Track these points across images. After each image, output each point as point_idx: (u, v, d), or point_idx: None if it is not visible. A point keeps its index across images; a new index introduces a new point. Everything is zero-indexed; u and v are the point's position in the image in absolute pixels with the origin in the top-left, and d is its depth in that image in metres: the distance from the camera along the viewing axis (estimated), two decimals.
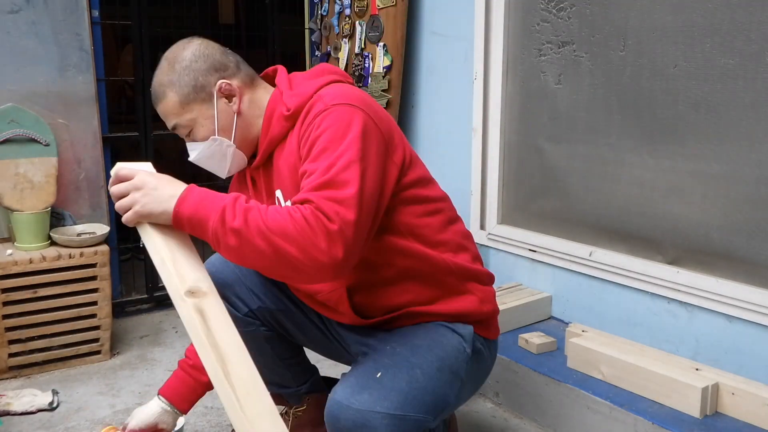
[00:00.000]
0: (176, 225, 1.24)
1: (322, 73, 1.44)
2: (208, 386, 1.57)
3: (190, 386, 1.58)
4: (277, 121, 1.38)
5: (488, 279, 1.54)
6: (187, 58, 1.39)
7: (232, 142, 1.43)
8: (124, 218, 1.26)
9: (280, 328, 1.65)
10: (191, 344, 1.55)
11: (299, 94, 1.37)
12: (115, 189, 1.27)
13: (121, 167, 1.30)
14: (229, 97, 1.41)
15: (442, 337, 1.41)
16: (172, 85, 1.38)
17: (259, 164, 1.46)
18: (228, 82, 1.40)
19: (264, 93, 1.46)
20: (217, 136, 1.41)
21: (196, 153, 1.43)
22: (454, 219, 1.50)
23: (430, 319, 1.44)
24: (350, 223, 1.16)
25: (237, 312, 1.59)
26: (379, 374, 1.29)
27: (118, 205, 1.27)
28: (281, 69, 1.49)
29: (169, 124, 1.44)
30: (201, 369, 1.53)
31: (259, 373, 1.78)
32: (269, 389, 1.82)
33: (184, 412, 1.60)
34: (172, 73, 1.38)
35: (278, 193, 1.42)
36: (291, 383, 1.78)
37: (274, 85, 1.48)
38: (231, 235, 1.17)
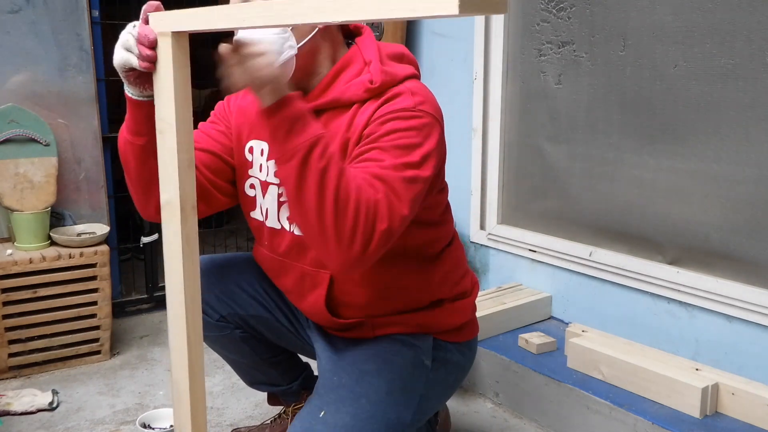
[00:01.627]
0: (273, 108, 1.09)
1: (404, 59, 1.37)
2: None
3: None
4: (358, 86, 1.28)
5: (471, 291, 1.53)
6: None
7: (296, 47, 1.23)
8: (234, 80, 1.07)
9: (253, 331, 1.63)
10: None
11: (390, 73, 1.29)
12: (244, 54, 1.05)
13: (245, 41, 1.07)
14: None
15: (395, 355, 1.38)
16: None
17: None
18: None
19: (342, 41, 1.36)
20: (289, 30, 1.22)
21: (252, 32, 1.20)
22: (453, 233, 1.51)
23: (392, 330, 1.41)
24: (398, 224, 1.14)
25: (209, 318, 1.57)
26: (322, 413, 1.27)
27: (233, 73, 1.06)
28: (369, 30, 1.39)
29: None
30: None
31: (246, 373, 1.78)
32: (261, 389, 1.82)
33: None
34: None
35: None
36: (280, 381, 1.77)
37: (348, 39, 1.39)
38: (307, 167, 1.08)
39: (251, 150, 1.42)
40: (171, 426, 1.91)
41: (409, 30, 2.73)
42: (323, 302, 1.38)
